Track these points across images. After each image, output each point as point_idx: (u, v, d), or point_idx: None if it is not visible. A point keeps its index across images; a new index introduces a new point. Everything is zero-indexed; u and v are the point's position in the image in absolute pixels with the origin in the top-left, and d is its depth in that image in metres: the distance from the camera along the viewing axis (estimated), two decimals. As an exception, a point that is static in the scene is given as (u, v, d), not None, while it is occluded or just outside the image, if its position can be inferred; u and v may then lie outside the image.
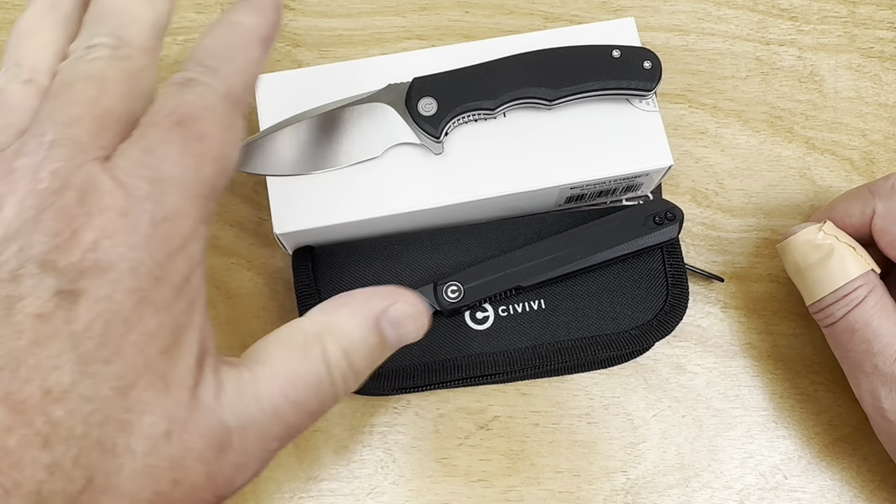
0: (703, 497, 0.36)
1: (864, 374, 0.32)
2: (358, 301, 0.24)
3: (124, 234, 0.20)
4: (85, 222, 0.19)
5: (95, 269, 0.19)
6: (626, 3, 0.44)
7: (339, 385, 0.23)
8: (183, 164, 0.21)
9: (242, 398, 0.21)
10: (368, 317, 0.24)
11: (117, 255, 0.19)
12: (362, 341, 0.23)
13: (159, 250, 0.20)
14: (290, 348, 0.23)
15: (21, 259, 0.19)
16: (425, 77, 0.35)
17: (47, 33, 0.25)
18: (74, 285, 0.19)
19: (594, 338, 0.35)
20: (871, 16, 0.44)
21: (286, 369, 0.22)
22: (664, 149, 0.36)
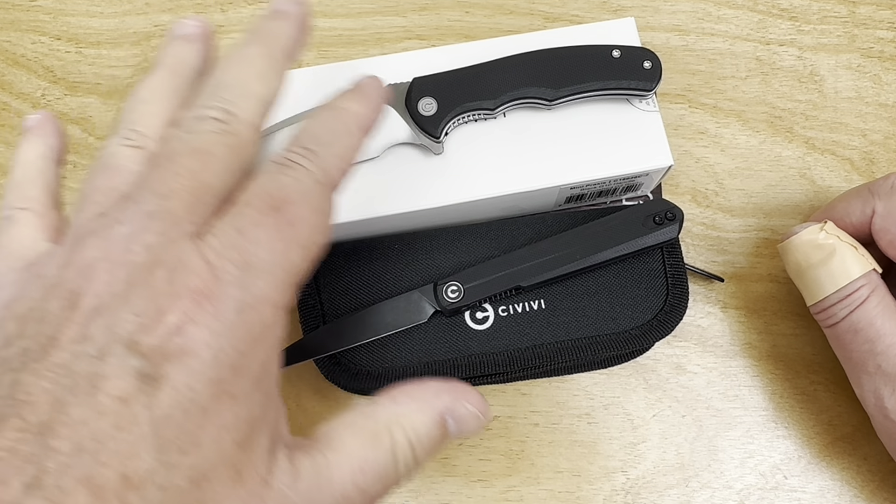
0: (703, 497, 0.36)
1: (867, 375, 0.32)
2: (428, 395, 0.24)
3: (209, 320, 0.20)
4: (171, 303, 0.20)
5: (179, 354, 0.19)
6: (626, 3, 0.44)
7: (401, 474, 0.24)
8: (273, 249, 0.21)
9: (317, 485, 0.22)
10: (437, 413, 0.24)
11: (201, 341, 0.19)
12: (427, 435, 0.24)
13: (242, 339, 0.20)
14: (362, 436, 0.23)
15: (108, 337, 0.19)
16: (425, 77, 0.35)
17: (164, 101, 0.25)
18: (157, 370, 0.19)
19: (594, 338, 0.35)
20: (871, 16, 0.44)
21: (358, 457, 0.23)
22: (664, 149, 0.36)
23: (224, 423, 0.20)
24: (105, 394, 0.18)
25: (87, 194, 0.23)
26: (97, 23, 0.44)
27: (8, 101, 0.42)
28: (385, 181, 0.35)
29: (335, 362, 0.35)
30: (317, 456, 0.22)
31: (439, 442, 0.24)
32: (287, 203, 0.22)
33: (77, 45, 0.44)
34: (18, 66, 0.43)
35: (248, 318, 0.20)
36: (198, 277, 0.20)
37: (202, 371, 0.19)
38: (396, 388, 0.24)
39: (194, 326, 0.19)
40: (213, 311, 0.20)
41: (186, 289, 0.20)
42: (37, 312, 0.20)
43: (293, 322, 0.38)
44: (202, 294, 0.20)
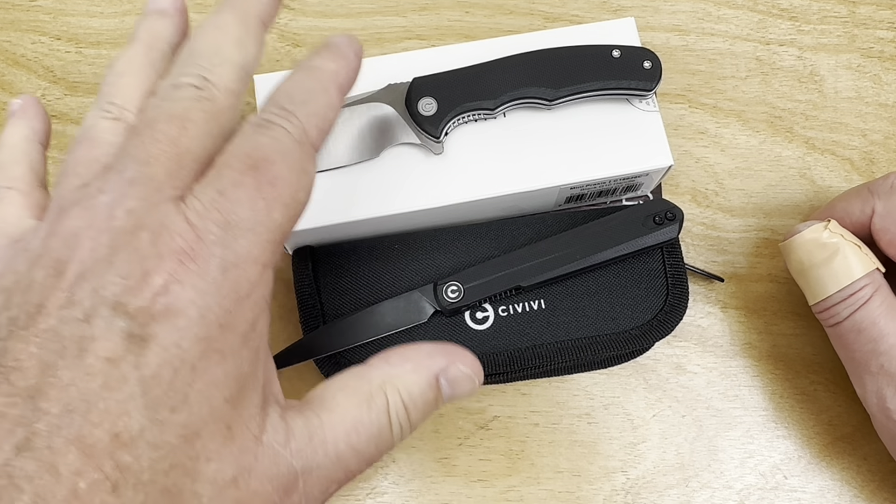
0: (703, 497, 0.36)
1: (870, 374, 0.32)
2: (421, 356, 0.25)
3: (194, 279, 0.20)
4: (156, 264, 0.20)
5: (165, 314, 0.19)
6: (626, 3, 0.44)
7: (396, 434, 0.24)
8: (255, 208, 0.21)
9: (310, 444, 0.22)
10: (430, 373, 0.24)
11: (186, 300, 0.20)
12: (421, 396, 0.24)
13: (227, 297, 0.20)
14: (356, 397, 0.23)
15: (94, 300, 0.19)
16: (425, 77, 0.35)
17: (141, 73, 0.25)
18: (144, 330, 0.19)
19: (594, 338, 0.35)
20: (871, 16, 0.44)
21: (352, 417, 0.23)
22: (664, 149, 0.36)
23: (213, 380, 0.20)
24: (93, 355, 0.19)
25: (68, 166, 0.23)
26: (97, 23, 0.44)
27: (8, 101, 0.42)
28: (385, 181, 0.35)
29: (335, 362, 0.35)
30: (310, 416, 0.23)
31: (433, 403, 0.25)
32: (266, 162, 0.22)
33: (77, 45, 0.44)
34: (18, 66, 0.43)
35: (233, 276, 0.21)
36: (181, 238, 0.20)
37: (189, 329, 0.20)
38: (390, 350, 0.25)
39: (179, 286, 0.20)
40: (197, 270, 0.20)
41: (170, 250, 0.20)
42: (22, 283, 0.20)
43: (293, 322, 0.38)
44: (186, 254, 0.20)
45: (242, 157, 0.22)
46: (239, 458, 0.20)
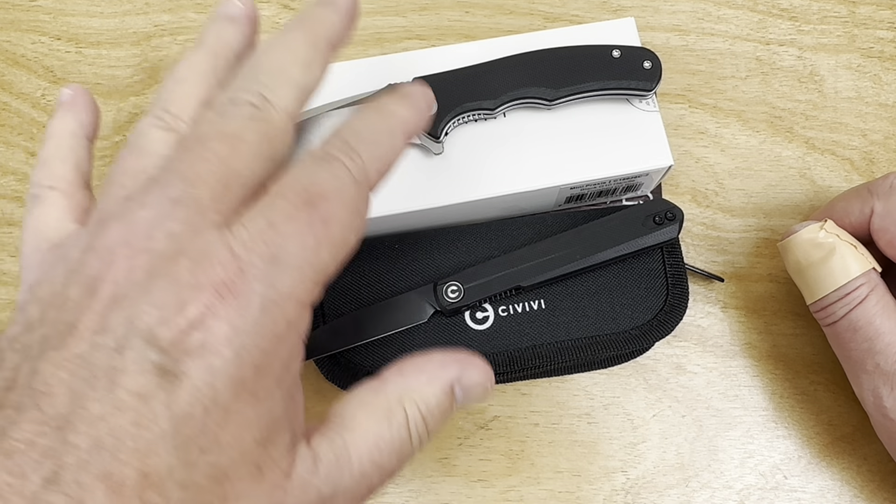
0: (703, 497, 0.36)
1: (866, 373, 0.32)
2: (435, 367, 0.24)
3: (232, 316, 0.19)
4: (194, 296, 0.19)
5: (199, 351, 0.19)
6: (626, 3, 0.44)
7: (415, 446, 0.24)
8: (304, 245, 0.21)
9: (336, 466, 0.22)
10: (446, 383, 0.24)
11: (223, 337, 0.19)
12: (438, 406, 0.24)
13: (265, 337, 0.20)
14: (375, 413, 0.23)
15: (127, 329, 0.19)
16: (425, 77, 0.35)
17: (201, 81, 0.25)
18: (177, 366, 0.18)
19: (594, 338, 0.35)
20: (871, 16, 0.44)
21: (374, 434, 0.23)
22: (664, 149, 0.36)
23: (245, 422, 0.19)
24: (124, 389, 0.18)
25: (115, 176, 0.23)
26: (97, 23, 0.44)
27: (8, 101, 0.42)
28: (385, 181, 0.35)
29: (335, 362, 0.35)
30: (334, 438, 0.22)
31: (449, 412, 0.24)
32: (322, 199, 0.21)
33: (77, 45, 0.44)
34: (18, 66, 0.43)
35: (273, 316, 0.20)
36: (222, 269, 0.19)
37: (223, 369, 0.19)
38: (403, 361, 0.24)
39: (216, 321, 0.19)
40: (236, 305, 0.19)
41: (210, 281, 0.19)
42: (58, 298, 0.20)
43: (293, 322, 0.38)
44: (226, 287, 0.19)
45: (299, 190, 0.21)
46: (269, 495, 0.20)
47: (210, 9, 0.44)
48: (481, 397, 0.25)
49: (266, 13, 0.44)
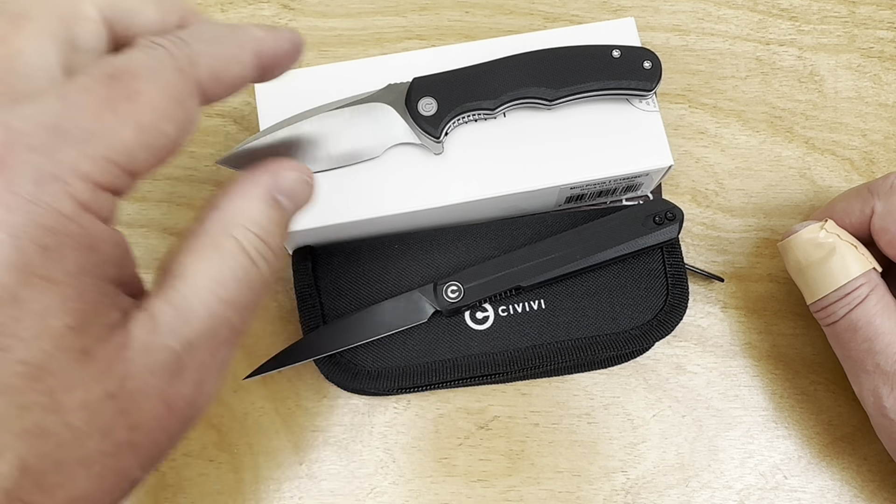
0: (703, 497, 0.36)
1: (866, 373, 0.32)
2: (247, 186, 0.23)
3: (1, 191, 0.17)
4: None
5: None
6: (626, 3, 0.44)
7: (263, 268, 0.22)
8: (98, 117, 0.18)
9: (178, 318, 0.20)
10: (263, 194, 0.23)
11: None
12: (267, 219, 0.22)
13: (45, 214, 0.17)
14: (204, 252, 0.21)
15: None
16: (425, 77, 0.35)
17: None
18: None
19: (594, 338, 0.35)
20: (871, 16, 0.44)
21: (209, 273, 0.21)
22: (664, 149, 0.36)
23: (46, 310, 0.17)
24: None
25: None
26: (97, 23, 0.44)
27: (8, 101, 0.42)
28: (385, 181, 0.35)
29: (335, 362, 0.35)
30: (167, 291, 0.20)
31: (281, 221, 0.23)
32: (131, 75, 0.19)
33: (77, 45, 0.43)
34: (18, 66, 0.43)
35: (54, 190, 0.17)
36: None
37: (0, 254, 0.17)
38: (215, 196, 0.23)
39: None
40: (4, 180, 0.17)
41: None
42: None
43: (293, 322, 0.38)
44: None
45: (104, 66, 0.19)
46: (106, 372, 0.18)
47: (210, 9, 0.44)
48: (309, 195, 0.24)
49: (266, 13, 0.44)
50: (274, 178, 0.23)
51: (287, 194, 0.23)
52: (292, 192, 0.23)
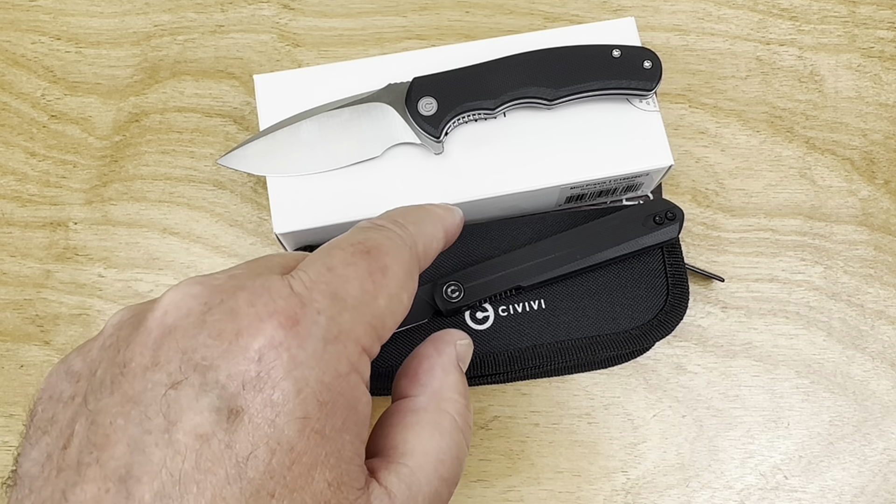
0: (703, 497, 0.36)
1: None
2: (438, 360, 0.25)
3: (293, 347, 0.18)
4: (252, 325, 0.18)
5: (258, 383, 0.18)
6: (626, 3, 0.44)
7: (469, 440, 0.24)
8: (364, 288, 0.21)
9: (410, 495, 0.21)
10: (455, 366, 0.25)
11: (282, 369, 0.18)
12: (463, 388, 0.25)
13: (327, 372, 0.19)
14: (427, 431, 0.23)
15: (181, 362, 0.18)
16: (425, 77, 0.35)
17: None
18: (235, 402, 0.17)
19: (594, 338, 0.35)
20: (872, 16, 0.44)
21: (434, 451, 0.22)
22: (664, 148, 0.36)
23: (314, 463, 0.18)
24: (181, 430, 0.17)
25: None
26: (97, 23, 0.44)
27: (8, 101, 0.42)
28: (385, 181, 0.35)
29: (335, 362, 0.35)
30: (400, 469, 0.22)
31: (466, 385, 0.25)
32: (378, 251, 0.21)
33: (77, 45, 0.43)
34: (18, 66, 0.43)
35: (335, 351, 0.19)
36: (284, 301, 0.19)
37: (284, 403, 0.18)
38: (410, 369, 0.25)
39: (275, 353, 0.18)
40: (296, 337, 0.18)
41: (268, 312, 0.18)
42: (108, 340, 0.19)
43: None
44: (286, 317, 0.19)
45: (354, 243, 0.22)
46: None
47: (210, 9, 0.44)
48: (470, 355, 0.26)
49: (266, 13, 0.44)
50: (454, 347, 0.25)
51: (463, 359, 0.26)
52: (465, 357, 0.26)
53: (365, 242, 0.22)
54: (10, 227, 0.40)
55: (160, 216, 0.40)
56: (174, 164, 0.41)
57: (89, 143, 0.42)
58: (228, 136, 0.41)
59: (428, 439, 0.23)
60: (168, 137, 0.41)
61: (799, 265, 0.39)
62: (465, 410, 0.24)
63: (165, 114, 0.42)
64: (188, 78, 0.43)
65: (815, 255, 0.39)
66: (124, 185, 0.41)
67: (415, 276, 0.23)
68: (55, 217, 0.40)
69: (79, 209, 0.40)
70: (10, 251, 0.40)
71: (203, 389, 0.17)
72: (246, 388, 0.18)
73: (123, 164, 0.41)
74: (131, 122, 0.42)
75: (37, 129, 0.42)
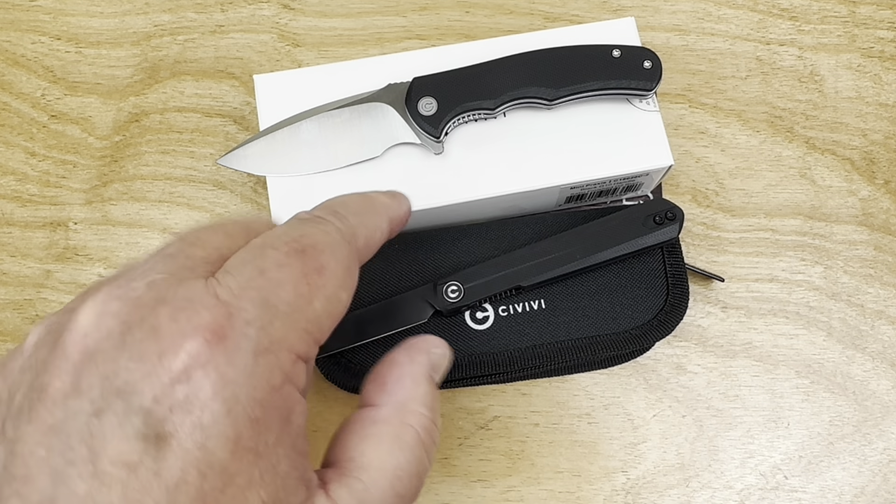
0: (703, 497, 0.36)
1: None
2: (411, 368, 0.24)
3: (220, 364, 0.17)
4: (175, 344, 0.17)
5: (185, 406, 0.17)
6: (626, 3, 0.44)
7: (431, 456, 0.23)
8: (298, 291, 0.19)
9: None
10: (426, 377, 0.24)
11: (210, 389, 0.17)
12: (432, 398, 0.23)
13: (259, 388, 0.18)
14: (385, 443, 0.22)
15: (104, 388, 0.17)
16: (425, 77, 0.35)
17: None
18: (163, 427, 0.17)
19: (594, 338, 0.35)
20: (871, 16, 0.44)
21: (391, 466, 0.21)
22: (664, 148, 0.36)
23: (248, 483, 0.17)
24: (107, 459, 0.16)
25: None
26: (97, 23, 0.44)
27: (8, 101, 0.42)
28: (385, 181, 0.35)
29: (335, 362, 0.35)
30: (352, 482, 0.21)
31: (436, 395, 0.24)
32: (314, 249, 0.20)
33: (77, 45, 0.43)
34: (18, 66, 0.43)
35: (267, 364, 0.18)
36: (208, 314, 0.18)
37: (215, 425, 0.17)
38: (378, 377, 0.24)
39: (202, 371, 0.17)
40: (224, 353, 0.17)
41: (193, 326, 0.17)
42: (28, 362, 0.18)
43: (293, 322, 0.38)
44: (212, 332, 0.17)
45: (289, 241, 0.20)
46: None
47: (209, 9, 0.44)
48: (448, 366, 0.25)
49: (266, 13, 0.44)
50: (428, 356, 0.24)
51: (436, 369, 0.24)
52: (439, 366, 0.24)
53: (300, 240, 0.20)
54: (10, 227, 0.40)
55: (160, 216, 0.40)
56: (174, 164, 0.41)
57: (89, 143, 0.42)
58: (228, 136, 0.41)
59: (387, 454, 0.21)
60: (168, 137, 0.41)
61: (799, 265, 0.39)
62: (430, 425, 0.23)
63: (165, 114, 0.42)
64: (188, 78, 0.43)
65: (815, 255, 0.39)
66: (124, 185, 0.41)
67: (355, 271, 0.22)
68: (55, 217, 0.40)
69: (79, 209, 0.40)
70: (10, 251, 0.40)
71: (127, 416, 0.17)
72: (173, 411, 0.17)
73: (123, 164, 0.41)
74: (131, 122, 0.42)
75: (37, 129, 0.42)
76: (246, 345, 0.18)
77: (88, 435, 0.16)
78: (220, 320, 0.18)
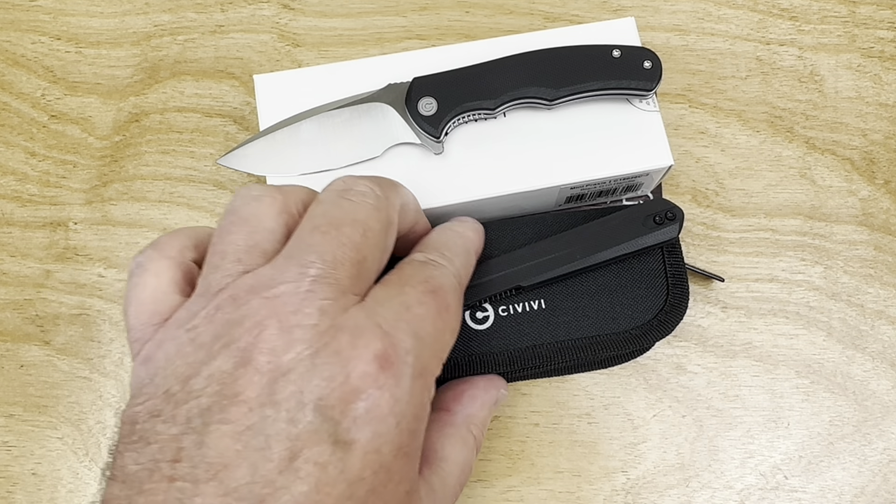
0: (703, 497, 0.36)
1: None
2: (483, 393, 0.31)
3: (391, 385, 0.21)
4: (356, 367, 0.21)
5: (367, 418, 0.21)
6: (626, 3, 0.44)
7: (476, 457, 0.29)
8: (436, 326, 0.24)
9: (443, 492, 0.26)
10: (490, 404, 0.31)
11: (385, 406, 0.21)
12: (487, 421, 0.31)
13: (416, 405, 0.22)
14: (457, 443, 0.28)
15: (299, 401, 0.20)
16: (425, 77, 0.35)
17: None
18: (348, 435, 0.20)
19: (594, 338, 0.35)
20: (872, 16, 0.44)
21: (461, 460, 0.27)
22: (664, 149, 0.36)
23: (402, 479, 0.22)
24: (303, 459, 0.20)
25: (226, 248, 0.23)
26: (97, 23, 0.44)
27: (8, 101, 0.42)
28: (385, 181, 0.35)
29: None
30: (438, 470, 0.26)
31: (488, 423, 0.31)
32: (442, 290, 0.25)
33: (77, 45, 0.44)
34: (18, 66, 0.43)
35: (420, 386, 0.22)
36: (379, 343, 0.21)
37: (388, 435, 0.21)
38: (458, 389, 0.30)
39: (379, 391, 0.21)
40: (392, 376, 0.21)
41: (369, 353, 0.21)
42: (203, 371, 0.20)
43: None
44: (384, 358, 0.21)
45: (422, 281, 0.25)
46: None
47: (209, 9, 0.44)
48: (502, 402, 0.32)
49: (266, 13, 0.44)
50: (497, 393, 0.31)
51: (498, 404, 0.32)
52: (498, 402, 0.32)
53: (430, 281, 0.25)
54: (10, 227, 0.40)
55: (160, 216, 0.40)
56: (174, 164, 0.41)
57: (89, 143, 0.42)
58: (228, 136, 0.41)
59: (458, 451, 0.27)
60: (168, 137, 0.41)
61: (799, 265, 0.39)
62: (482, 438, 0.29)
63: (165, 114, 0.42)
64: (188, 78, 0.43)
65: (815, 255, 0.39)
66: (124, 185, 0.41)
67: (461, 307, 0.27)
68: (55, 217, 0.40)
69: (79, 209, 0.40)
70: (10, 251, 0.40)
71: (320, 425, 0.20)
72: (356, 422, 0.20)
73: (123, 164, 0.41)
74: (131, 122, 0.42)
75: (37, 129, 0.42)
76: (407, 371, 0.22)
77: (286, 438, 0.20)
78: (388, 349, 0.21)
